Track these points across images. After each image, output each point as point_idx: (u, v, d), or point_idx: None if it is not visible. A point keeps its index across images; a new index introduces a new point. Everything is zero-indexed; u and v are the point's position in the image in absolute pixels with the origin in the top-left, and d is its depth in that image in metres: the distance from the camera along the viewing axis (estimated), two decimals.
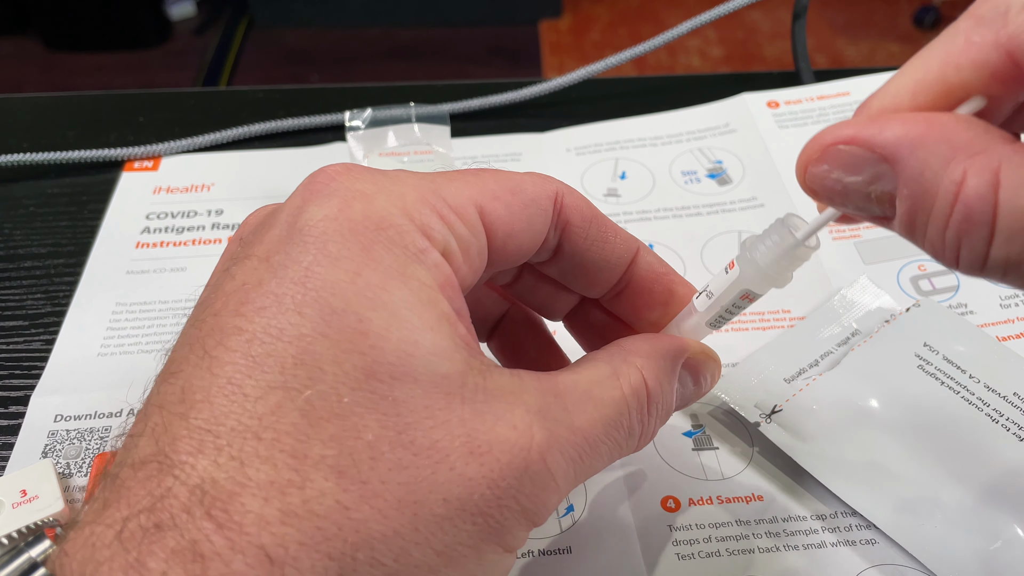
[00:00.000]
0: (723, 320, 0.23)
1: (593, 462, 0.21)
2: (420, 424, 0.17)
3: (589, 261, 0.24)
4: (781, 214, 0.22)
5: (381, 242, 0.19)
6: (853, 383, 0.30)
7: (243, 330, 0.18)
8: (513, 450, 0.18)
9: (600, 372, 0.21)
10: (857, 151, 0.18)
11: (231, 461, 0.16)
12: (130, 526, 0.16)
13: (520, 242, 0.22)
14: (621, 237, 0.24)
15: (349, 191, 0.20)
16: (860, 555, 0.26)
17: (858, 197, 0.18)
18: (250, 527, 0.16)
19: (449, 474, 0.17)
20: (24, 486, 0.27)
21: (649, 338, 0.24)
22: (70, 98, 0.50)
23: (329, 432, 0.17)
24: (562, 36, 2.04)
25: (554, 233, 0.23)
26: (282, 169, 0.43)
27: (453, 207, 0.20)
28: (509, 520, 0.18)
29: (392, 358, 0.17)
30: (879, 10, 2.08)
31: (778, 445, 0.28)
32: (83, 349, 0.34)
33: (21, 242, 0.39)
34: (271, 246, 0.19)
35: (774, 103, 0.45)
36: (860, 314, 0.32)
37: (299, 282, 0.18)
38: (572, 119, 0.45)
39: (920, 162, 0.17)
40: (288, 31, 2.06)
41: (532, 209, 0.22)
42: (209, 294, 0.20)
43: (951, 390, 0.29)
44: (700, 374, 0.24)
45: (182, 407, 0.17)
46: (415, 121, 0.41)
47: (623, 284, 0.25)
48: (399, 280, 0.18)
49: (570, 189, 0.23)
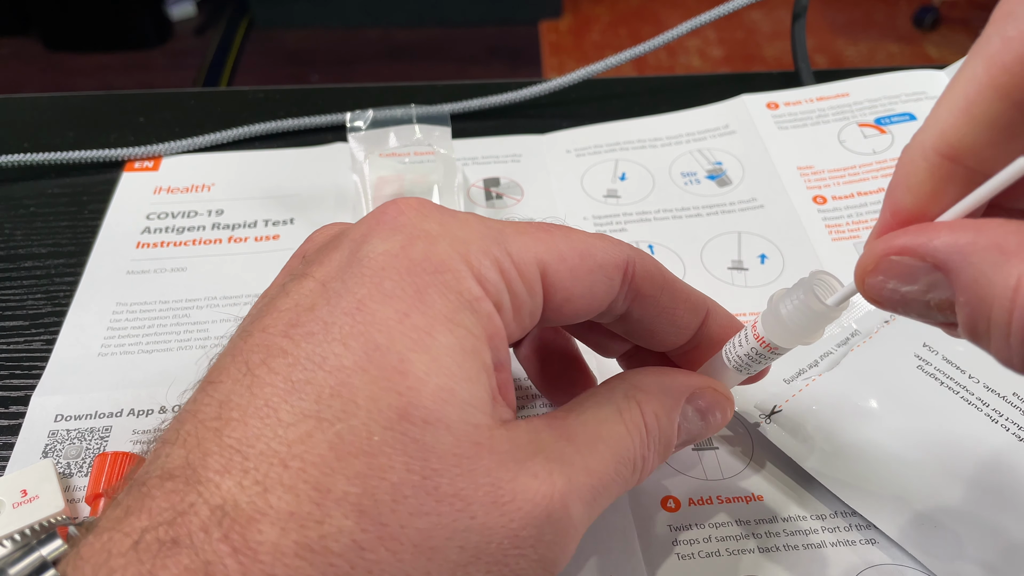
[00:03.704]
0: (750, 368, 0.23)
1: (604, 501, 0.21)
2: (447, 471, 0.17)
3: (658, 324, 0.24)
4: (784, 218, 0.22)
5: (436, 286, 0.19)
6: (853, 383, 0.30)
7: (288, 353, 0.18)
8: (535, 499, 0.18)
9: (604, 410, 0.21)
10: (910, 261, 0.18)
11: (255, 485, 0.16)
12: (148, 538, 0.16)
13: (577, 307, 0.22)
14: (692, 301, 0.24)
15: (415, 229, 0.20)
16: (860, 555, 0.26)
17: (918, 306, 0.18)
18: (265, 556, 0.16)
19: (470, 523, 0.17)
20: (24, 486, 0.27)
21: (654, 372, 0.24)
22: (70, 98, 0.50)
23: (355, 469, 0.17)
24: (562, 36, 2.04)
25: (623, 302, 0.23)
26: (282, 169, 0.43)
27: (515, 262, 0.20)
28: (525, 570, 0.18)
29: (428, 402, 0.17)
30: (879, 10, 2.09)
31: (778, 446, 0.28)
32: (83, 349, 0.34)
33: (21, 242, 0.39)
34: (330, 271, 0.19)
35: (774, 104, 0.45)
36: (860, 314, 0.32)
37: (350, 313, 0.18)
38: (572, 119, 0.46)
39: (973, 269, 0.16)
40: (288, 31, 2.06)
41: (597, 275, 0.22)
42: (262, 308, 0.20)
43: (950, 390, 0.29)
44: (708, 411, 0.24)
45: (217, 423, 0.17)
46: (416, 122, 0.41)
47: (693, 344, 0.25)
48: (447, 326, 0.18)
49: (643, 255, 0.23)
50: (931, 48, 1.94)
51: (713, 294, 0.35)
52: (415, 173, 0.39)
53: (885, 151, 0.41)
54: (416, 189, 0.39)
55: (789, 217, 0.39)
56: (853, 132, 0.43)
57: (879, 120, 0.43)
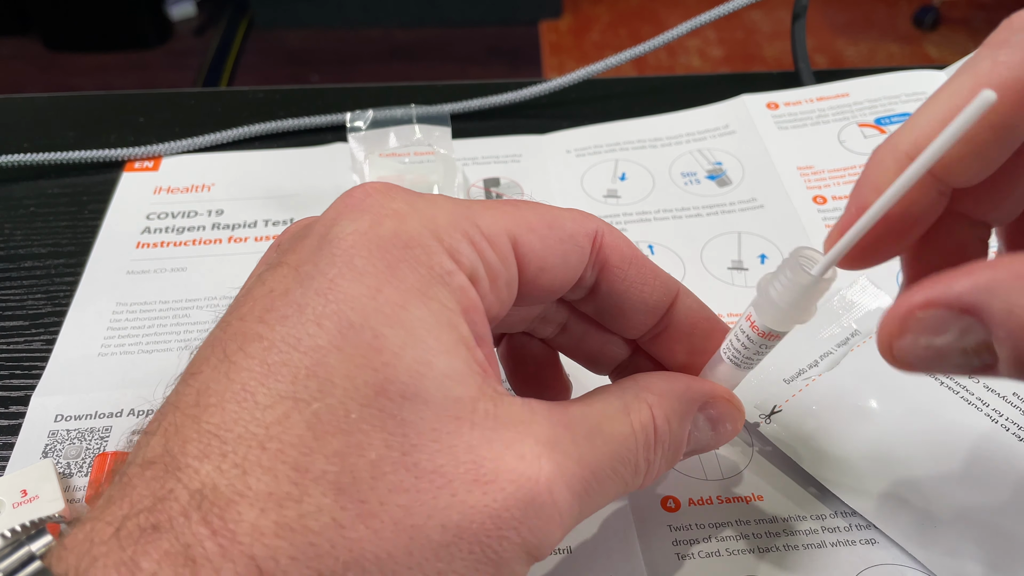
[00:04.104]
0: (752, 361, 0.23)
1: (598, 498, 0.20)
2: (426, 447, 0.17)
3: (627, 302, 0.24)
4: (784, 218, 0.22)
5: (407, 261, 0.19)
6: (852, 383, 0.30)
7: (263, 337, 0.18)
8: (519, 480, 0.18)
9: (611, 406, 0.21)
10: (936, 312, 0.18)
11: (234, 468, 0.16)
12: (129, 525, 0.16)
13: (553, 277, 0.22)
14: (661, 279, 0.24)
15: (383, 208, 0.20)
16: (860, 555, 0.26)
17: (954, 355, 0.18)
18: (244, 536, 0.16)
19: (450, 500, 0.17)
20: (24, 486, 0.27)
21: (666, 376, 0.23)
22: (70, 98, 0.50)
23: (333, 447, 0.16)
24: (562, 36, 2.04)
25: (591, 272, 0.23)
26: (282, 169, 0.43)
27: (486, 234, 0.20)
28: (508, 552, 0.18)
29: (404, 376, 0.17)
30: (879, 10, 2.09)
31: (778, 446, 0.28)
32: (83, 349, 0.34)
33: (21, 242, 0.40)
34: (302, 255, 0.19)
35: (774, 104, 0.45)
36: (860, 314, 0.32)
37: (322, 293, 0.18)
38: (572, 119, 0.46)
39: (1004, 303, 0.17)
40: (288, 31, 2.06)
41: (568, 245, 0.22)
42: (239, 299, 0.20)
43: (950, 390, 0.29)
44: (719, 421, 0.24)
45: (196, 409, 0.17)
46: (416, 122, 0.41)
47: (662, 326, 0.24)
48: (420, 300, 0.18)
49: (610, 228, 0.23)
50: (931, 48, 1.94)
51: (713, 294, 0.36)
52: (415, 173, 0.39)
53: None
54: (416, 189, 0.39)
55: (789, 217, 0.39)
56: (853, 132, 0.43)
57: (879, 120, 0.43)
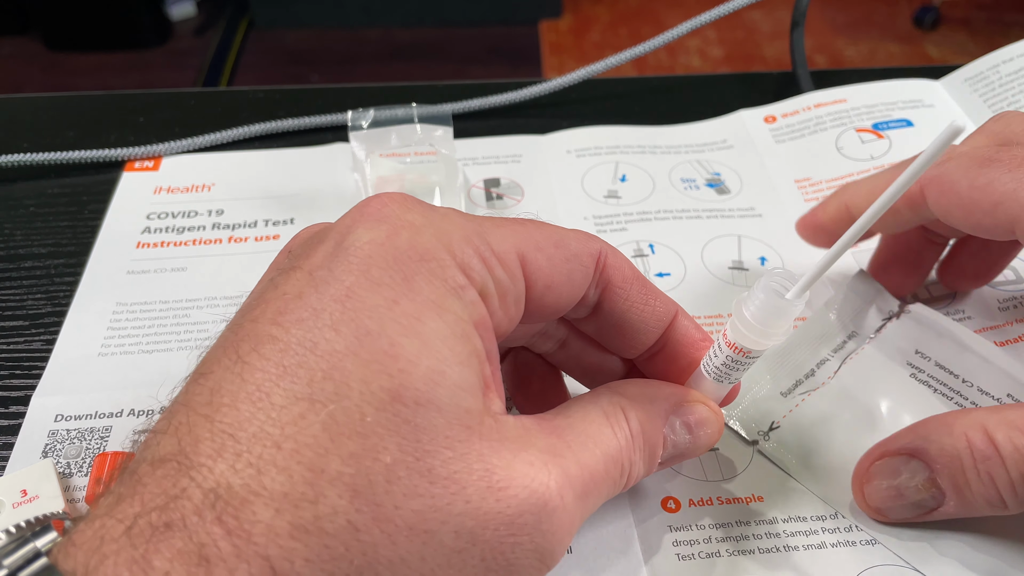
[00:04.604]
0: (730, 376, 0.24)
1: (595, 499, 0.21)
2: (439, 453, 0.17)
3: (627, 322, 0.24)
4: (782, 228, 0.23)
5: (422, 273, 0.19)
6: (848, 396, 0.30)
7: (278, 339, 0.18)
8: (532, 486, 0.18)
9: (591, 413, 0.22)
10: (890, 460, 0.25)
11: (248, 468, 0.16)
12: (140, 523, 0.16)
13: (558, 295, 0.22)
14: (661, 300, 0.24)
15: (399, 220, 0.20)
16: (860, 555, 0.26)
17: (910, 492, 0.25)
18: (259, 537, 0.16)
19: (464, 507, 0.17)
20: (24, 486, 0.27)
21: (638, 382, 0.24)
22: (70, 98, 0.50)
23: (349, 449, 0.17)
24: (562, 36, 2.04)
25: (594, 291, 0.23)
26: (282, 169, 0.43)
27: (496, 252, 0.20)
28: (521, 559, 0.18)
29: (419, 384, 0.17)
30: (879, 10, 2.09)
31: (779, 465, 0.28)
32: (83, 349, 0.34)
33: (21, 242, 0.39)
34: (317, 261, 0.19)
35: (771, 118, 0.45)
36: (853, 321, 0.32)
37: (339, 300, 0.18)
38: (572, 119, 0.46)
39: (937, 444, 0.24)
40: (288, 31, 2.06)
41: (573, 264, 0.22)
42: (251, 301, 0.20)
43: (945, 396, 0.29)
44: (696, 426, 0.24)
45: (208, 408, 0.17)
46: (417, 122, 0.41)
47: (658, 347, 0.25)
48: (435, 312, 0.18)
49: (613, 250, 0.24)
50: (931, 48, 1.94)
51: (714, 294, 0.36)
52: (416, 173, 0.39)
53: (883, 156, 0.41)
54: (417, 189, 0.39)
55: (788, 227, 0.39)
56: (851, 138, 0.43)
57: (877, 125, 0.43)
